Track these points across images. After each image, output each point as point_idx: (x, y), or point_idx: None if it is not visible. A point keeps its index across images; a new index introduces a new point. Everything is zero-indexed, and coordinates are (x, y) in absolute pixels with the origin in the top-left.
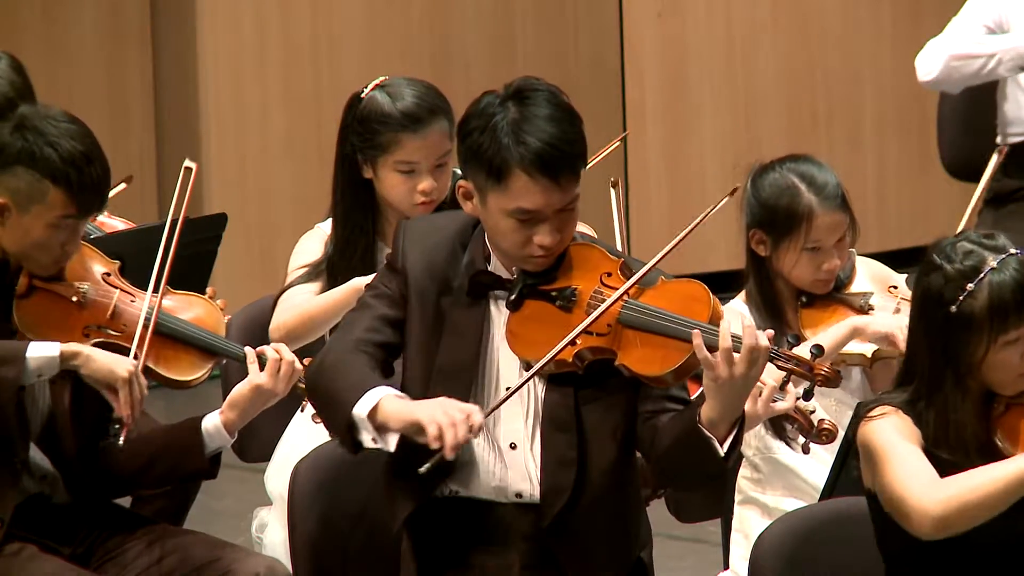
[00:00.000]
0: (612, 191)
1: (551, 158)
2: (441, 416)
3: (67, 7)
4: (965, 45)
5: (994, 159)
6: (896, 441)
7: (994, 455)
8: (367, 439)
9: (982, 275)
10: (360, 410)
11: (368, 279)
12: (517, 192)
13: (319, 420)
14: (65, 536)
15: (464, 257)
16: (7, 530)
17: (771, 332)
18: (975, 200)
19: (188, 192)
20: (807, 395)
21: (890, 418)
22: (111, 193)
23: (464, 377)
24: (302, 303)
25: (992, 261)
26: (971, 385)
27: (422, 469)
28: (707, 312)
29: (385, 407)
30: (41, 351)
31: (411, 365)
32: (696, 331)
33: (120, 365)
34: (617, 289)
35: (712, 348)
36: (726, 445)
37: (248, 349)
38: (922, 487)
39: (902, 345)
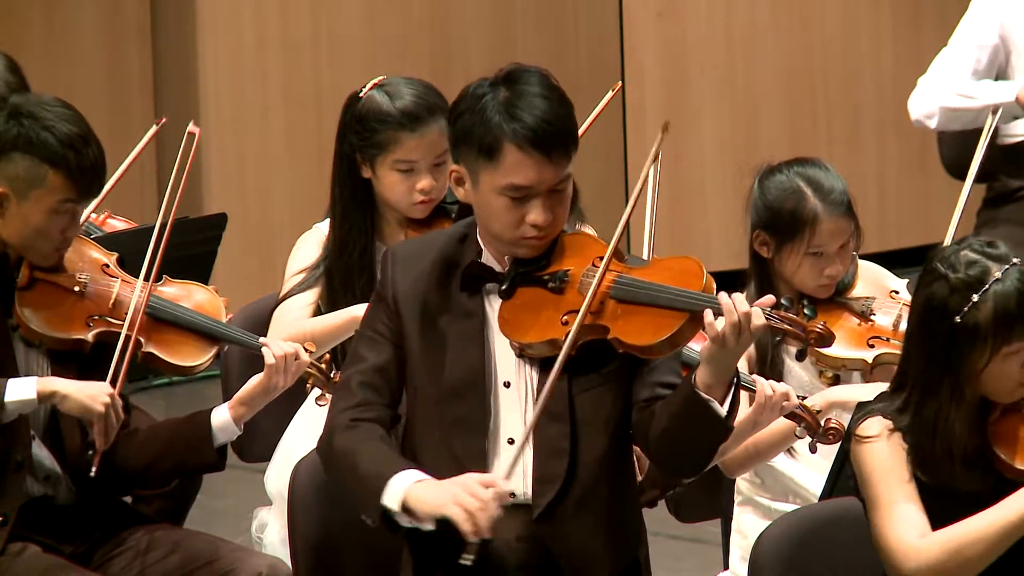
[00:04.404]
0: (661, 134)
1: (544, 133)
2: (469, 501)
3: (67, 7)
4: (957, 99)
5: (990, 120)
6: (890, 481)
7: (988, 463)
8: (403, 521)
9: (987, 286)
10: (389, 501)
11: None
12: (509, 168)
13: (323, 403)
14: (67, 535)
15: (455, 271)
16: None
17: (771, 297)
18: (968, 182)
19: (191, 156)
20: (800, 355)
21: (880, 444)
22: (146, 138)
23: (475, 390)
24: (298, 323)
25: (996, 272)
26: (967, 394)
27: (465, 562)
28: (699, 283)
29: (412, 499)
30: (19, 394)
31: (421, 390)
32: (708, 309)
33: (96, 400)
34: (610, 268)
35: (717, 316)
36: (725, 406)
37: (264, 340)
38: (908, 545)
39: None
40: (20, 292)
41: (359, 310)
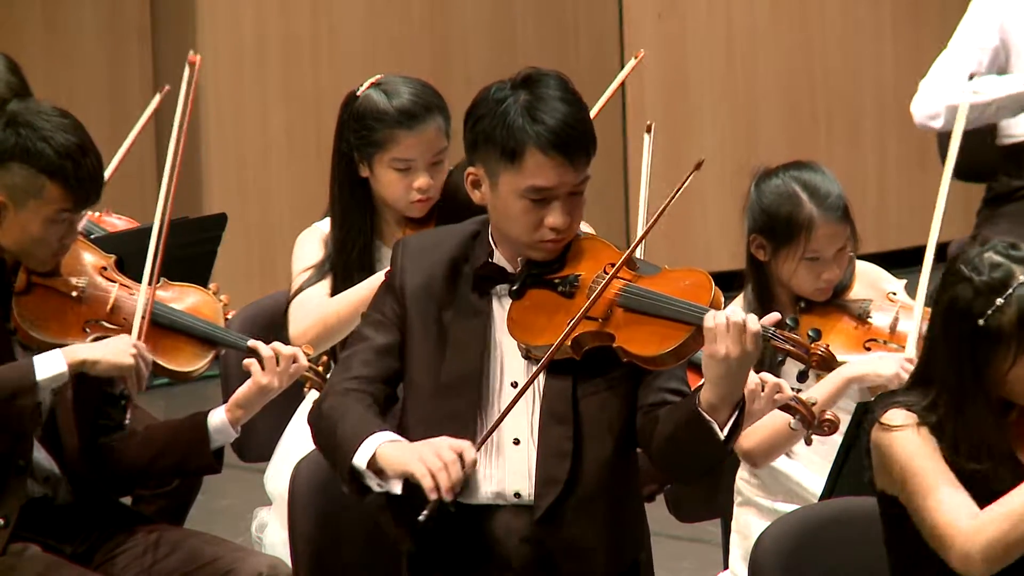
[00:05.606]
0: (646, 136)
1: (567, 136)
2: (432, 460)
3: (67, 7)
4: (961, 95)
5: (962, 108)
6: (931, 468)
7: (1014, 465)
8: (373, 484)
9: (1011, 289)
10: (359, 460)
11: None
12: (531, 171)
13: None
14: (67, 535)
15: (465, 268)
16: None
17: (776, 315)
18: (947, 174)
19: (193, 86)
20: (802, 376)
21: (911, 434)
22: (148, 112)
23: (471, 388)
24: (321, 306)
25: (1021, 275)
26: (992, 396)
27: (420, 518)
28: (708, 297)
29: (381, 456)
30: (49, 370)
31: (418, 383)
32: (708, 314)
33: (123, 355)
34: (619, 276)
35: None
36: (726, 429)
37: (252, 341)
38: (964, 527)
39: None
40: (18, 297)
41: (379, 279)
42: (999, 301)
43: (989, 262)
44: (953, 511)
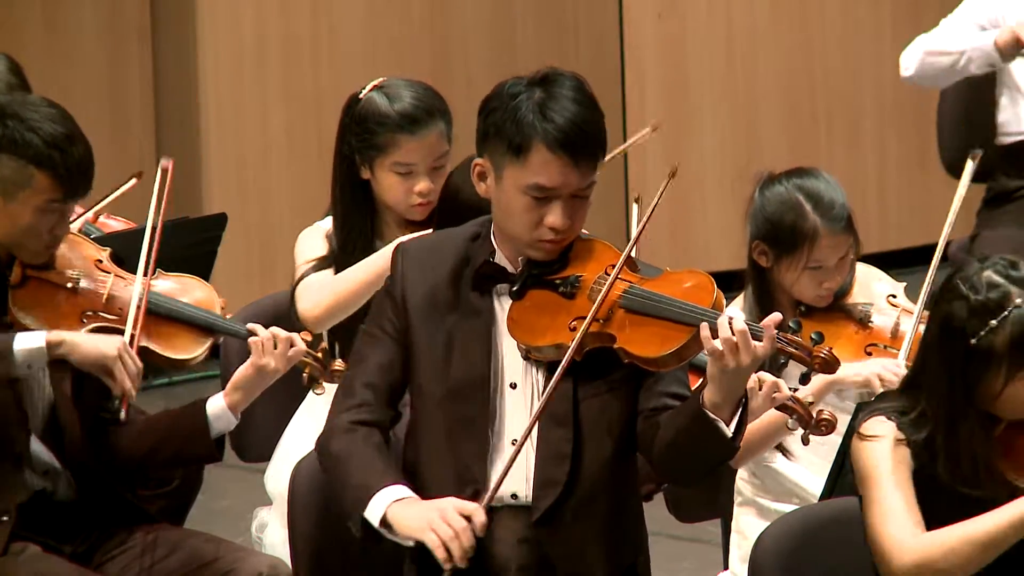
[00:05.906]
0: (635, 205)
1: (575, 137)
2: (444, 530)
3: (67, 7)
4: (940, 41)
5: (969, 165)
6: (888, 479)
7: (1000, 479)
8: (386, 534)
9: (1006, 312)
10: (371, 516)
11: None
12: (536, 167)
13: (320, 391)
14: (67, 534)
15: (467, 271)
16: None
17: (778, 316)
18: (955, 205)
19: (166, 191)
20: (804, 379)
21: (883, 445)
22: (121, 191)
23: (479, 392)
24: (328, 283)
25: (1017, 298)
26: (981, 411)
27: None
28: (709, 299)
29: (392, 518)
30: (27, 343)
31: (427, 390)
32: (704, 323)
33: (108, 344)
34: (620, 277)
35: (715, 334)
36: (732, 426)
37: (251, 325)
38: (900, 541)
39: (879, 388)
40: (13, 290)
41: (382, 257)
42: (993, 322)
43: (987, 281)
44: (897, 525)
